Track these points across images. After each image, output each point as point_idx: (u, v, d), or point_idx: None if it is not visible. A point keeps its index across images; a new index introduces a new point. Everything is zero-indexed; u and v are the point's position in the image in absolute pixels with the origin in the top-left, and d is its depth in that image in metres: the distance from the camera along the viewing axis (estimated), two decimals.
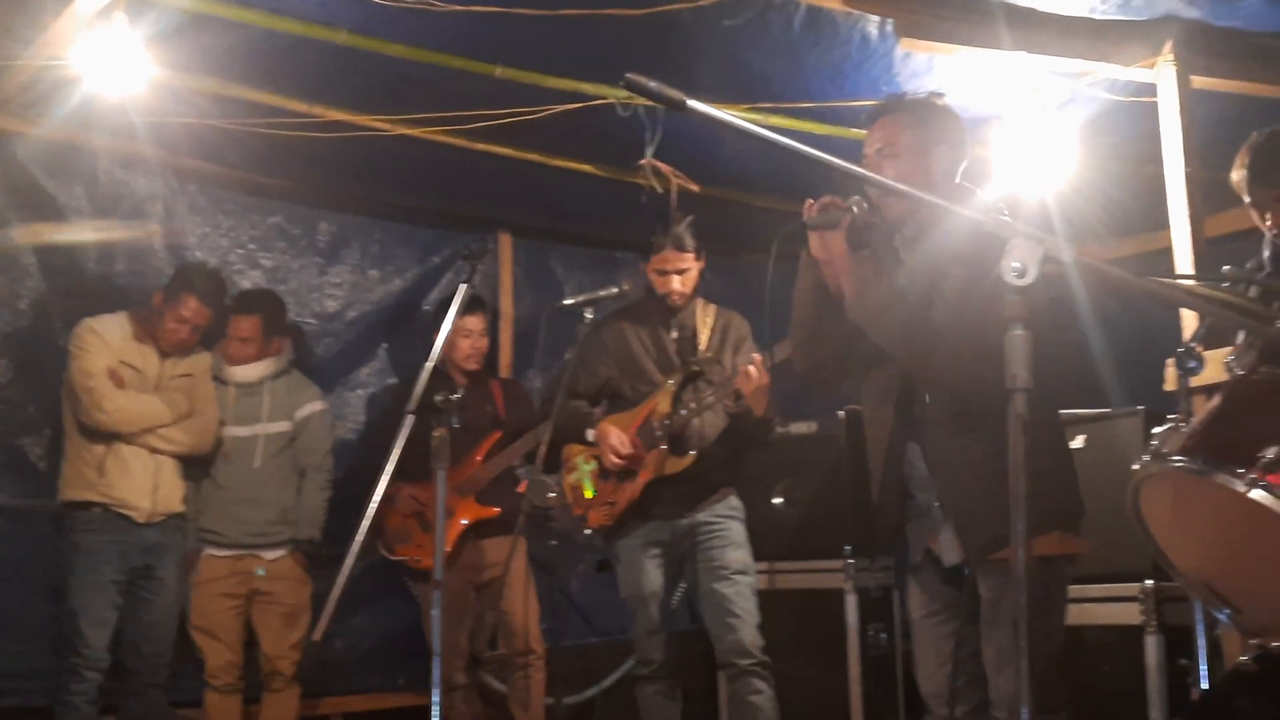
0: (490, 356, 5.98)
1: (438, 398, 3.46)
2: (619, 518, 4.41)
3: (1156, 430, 2.27)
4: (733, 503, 4.50)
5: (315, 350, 5.55)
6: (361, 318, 5.70)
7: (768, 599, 4.95)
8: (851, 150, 4.66)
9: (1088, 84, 4.22)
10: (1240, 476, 2.04)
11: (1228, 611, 2.30)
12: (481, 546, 5.08)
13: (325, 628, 3.55)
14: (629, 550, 4.44)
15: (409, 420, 3.38)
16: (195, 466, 4.89)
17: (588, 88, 4.41)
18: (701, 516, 4.40)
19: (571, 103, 4.42)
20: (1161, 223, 4.08)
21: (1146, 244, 4.85)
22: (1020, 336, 1.92)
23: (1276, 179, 3.41)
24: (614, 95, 4.45)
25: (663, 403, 4.37)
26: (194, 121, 4.53)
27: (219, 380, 4.99)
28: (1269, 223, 3.42)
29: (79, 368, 4.61)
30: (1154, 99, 4.08)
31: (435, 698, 3.49)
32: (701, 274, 4.55)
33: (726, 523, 4.44)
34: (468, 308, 5.12)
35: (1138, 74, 4.12)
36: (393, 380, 5.75)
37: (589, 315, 4.32)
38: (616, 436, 4.39)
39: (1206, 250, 4.04)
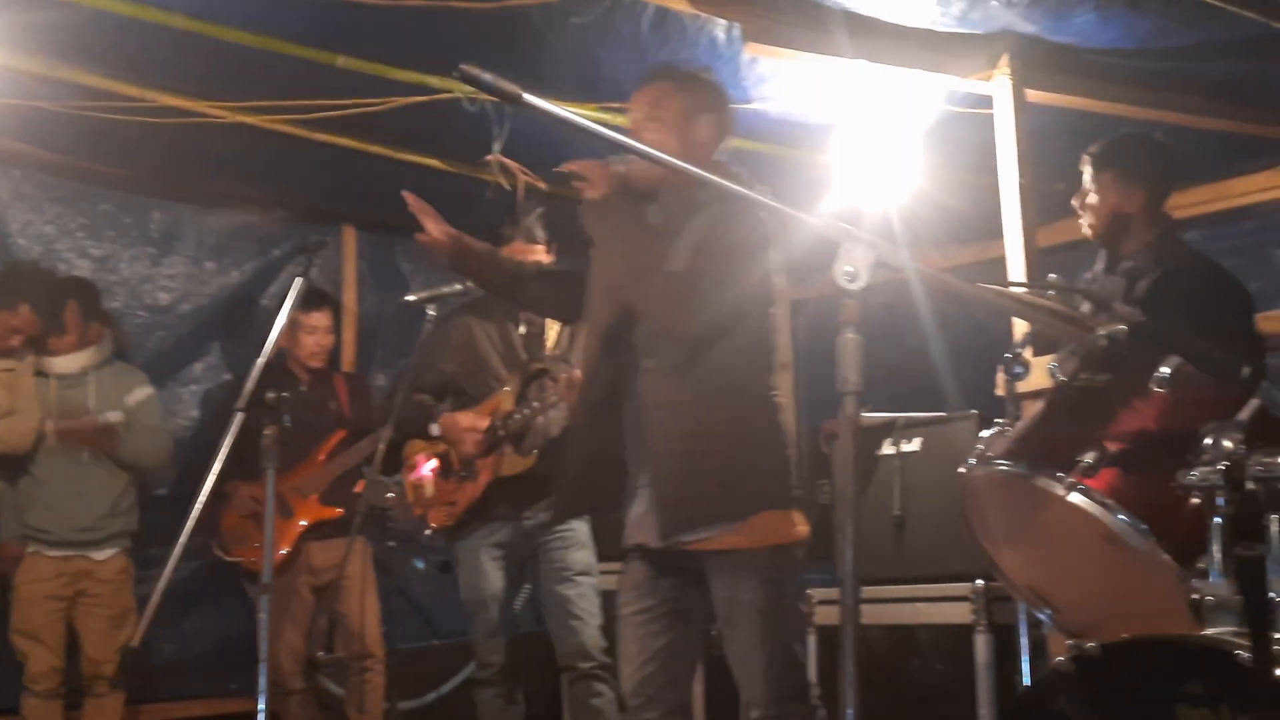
0: (334, 352, 5.90)
1: (269, 395, 3.36)
2: (460, 518, 4.34)
3: (984, 434, 2.31)
4: None
5: (146, 344, 5.36)
6: (196, 311, 5.52)
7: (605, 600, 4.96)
8: None
9: (928, 94, 4.31)
10: (1060, 480, 2.08)
11: (1049, 612, 2.36)
12: (322, 547, 4.96)
13: (146, 631, 3.39)
14: (470, 551, 4.36)
15: (238, 418, 3.26)
16: (9, 465, 4.70)
17: (434, 81, 4.33)
18: (545, 517, 4.32)
19: (417, 95, 4.33)
20: (998, 232, 4.19)
21: (983, 252, 4.97)
22: (851, 340, 1.93)
23: (1098, 163, 3.60)
24: (460, 89, 4.38)
25: (506, 401, 4.32)
26: (18, 103, 4.32)
27: (39, 374, 4.78)
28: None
29: None
30: (990, 111, 4.19)
31: (261, 704, 3.36)
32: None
33: (571, 523, 4.37)
34: (314, 304, 5.05)
35: (975, 86, 4.22)
36: (227, 376, 5.58)
37: (432, 311, 4.25)
38: (467, 418, 4.29)
39: (1038, 260, 4.17)
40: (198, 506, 3.30)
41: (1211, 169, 5.28)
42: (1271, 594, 1.91)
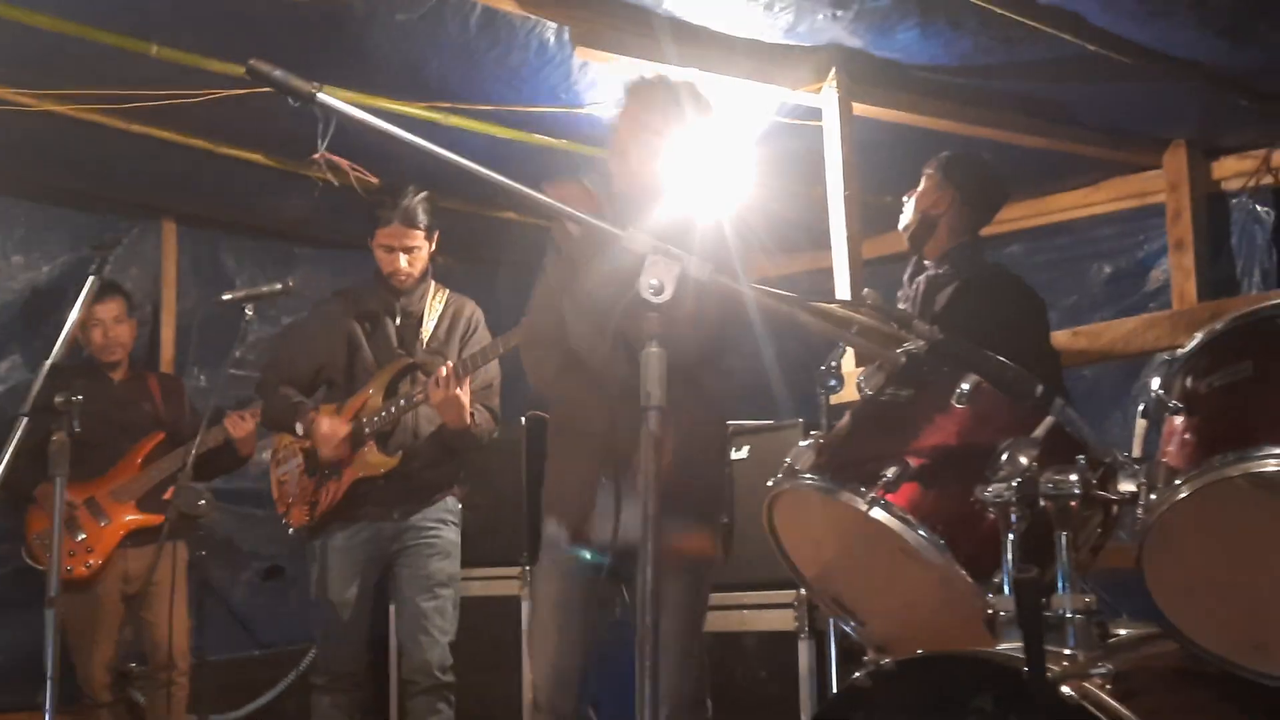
0: (152, 352, 5.68)
1: (58, 400, 3.18)
2: (321, 517, 4.11)
3: (795, 447, 2.31)
4: (448, 505, 4.23)
5: None
6: (2, 308, 5.26)
7: None
8: (534, 157, 4.72)
9: (758, 104, 4.33)
10: (862, 495, 2.09)
11: (853, 624, 2.37)
12: (139, 554, 4.74)
13: None
14: (329, 552, 4.11)
15: (23, 423, 3.08)
16: None
17: None
18: (413, 521, 4.14)
19: (237, 88, 4.17)
20: (827, 242, 4.24)
21: (814, 262, 5.01)
22: (655, 354, 1.90)
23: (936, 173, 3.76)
24: None
25: (375, 396, 4.12)
26: None
27: None
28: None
29: None
30: (820, 123, 4.23)
31: None
32: (433, 258, 4.26)
33: (439, 529, 4.17)
34: (100, 295, 4.79)
35: (805, 98, 4.25)
36: (33, 376, 5.31)
37: (249, 312, 4.10)
38: (329, 425, 4.07)
39: (864, 271, 4.23)
40: None
41: (1032, 185, 5.45)
42: (1061, 610, 1.95)
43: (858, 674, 1.94)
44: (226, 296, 4.19)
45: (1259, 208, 5.08)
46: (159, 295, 5.67)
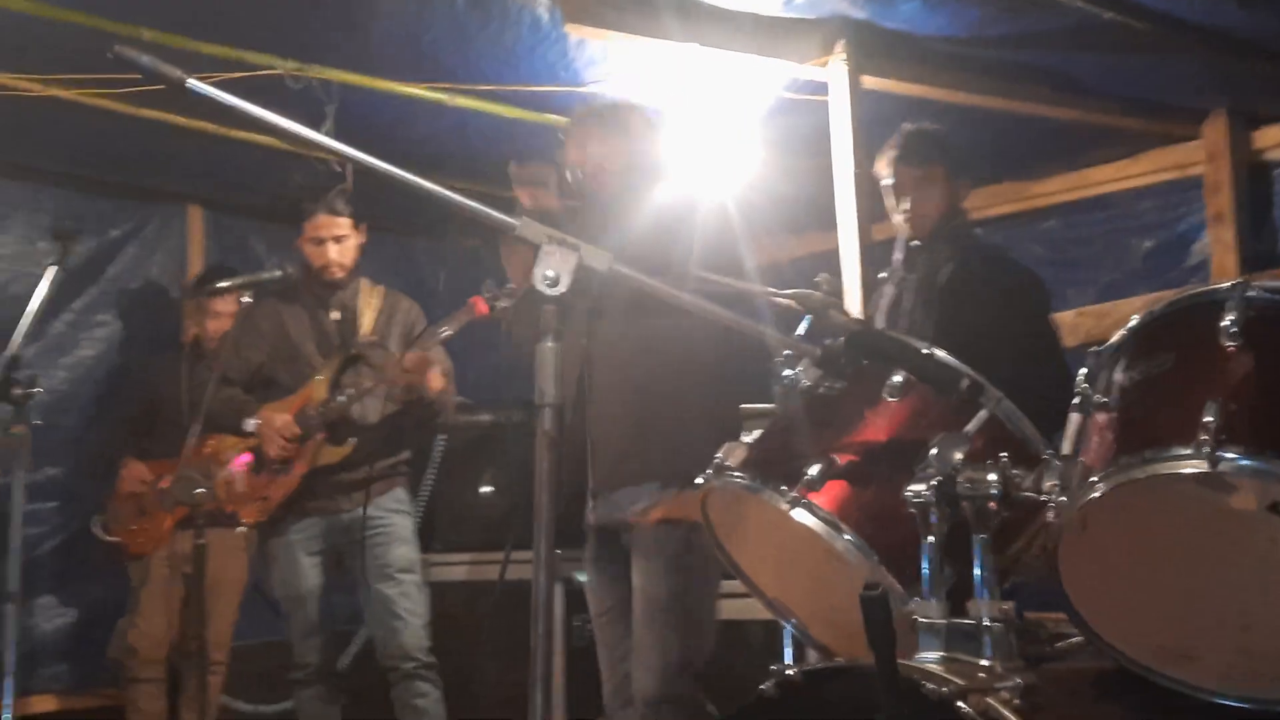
0: None
1: (16, 391, 3.17)
2: (274, 513, 4.15)
3: (729, 443, 2.21)
4: (399, 495, 4.29)
5: None
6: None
7: (469, 591, 4.83)
8: (536, 135, 4.63)
9: (763, 79, 4.20)
10: (783, 494, 1.98)
11: (795, 625, 2.27)
12: (187, 537, 4.76)
13: None
14: (286, 548, 4.17)
15: None
16: None
17: (251, 57, 4.15)
18: (368, 511, 4.15)
19: (233, 71, 4.14)
20: (835, 223, 4.11)
21: (820, 243, 4.85)
22: (550, 349, 1.81)
23: (921, 159, 3.55)
24: (283, 66, 4.21)
25: (319, 389, 4.12)
26: None
27: None
28: (904, 209, 3.53)
29: None
30: (826, 97, 4.09)
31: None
32: (361, 248, 4.29)
33: (391, 518, 4.22)
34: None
35: (811, 72, 4.12)
36: (68, 358, 5.38)
37: (246, 299, 4.08)
38: (281, 420, 4.09)
39: (874, 252, 4.08)
40: None
41: (1066, 158, 5.25)
42: (980, 618, 1.84)
43: (765, 684, 1.84)
44: (224, 284, 4.17)
45: None
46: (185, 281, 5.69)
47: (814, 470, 1.99)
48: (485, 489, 5.31)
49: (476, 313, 3.83)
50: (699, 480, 2.17)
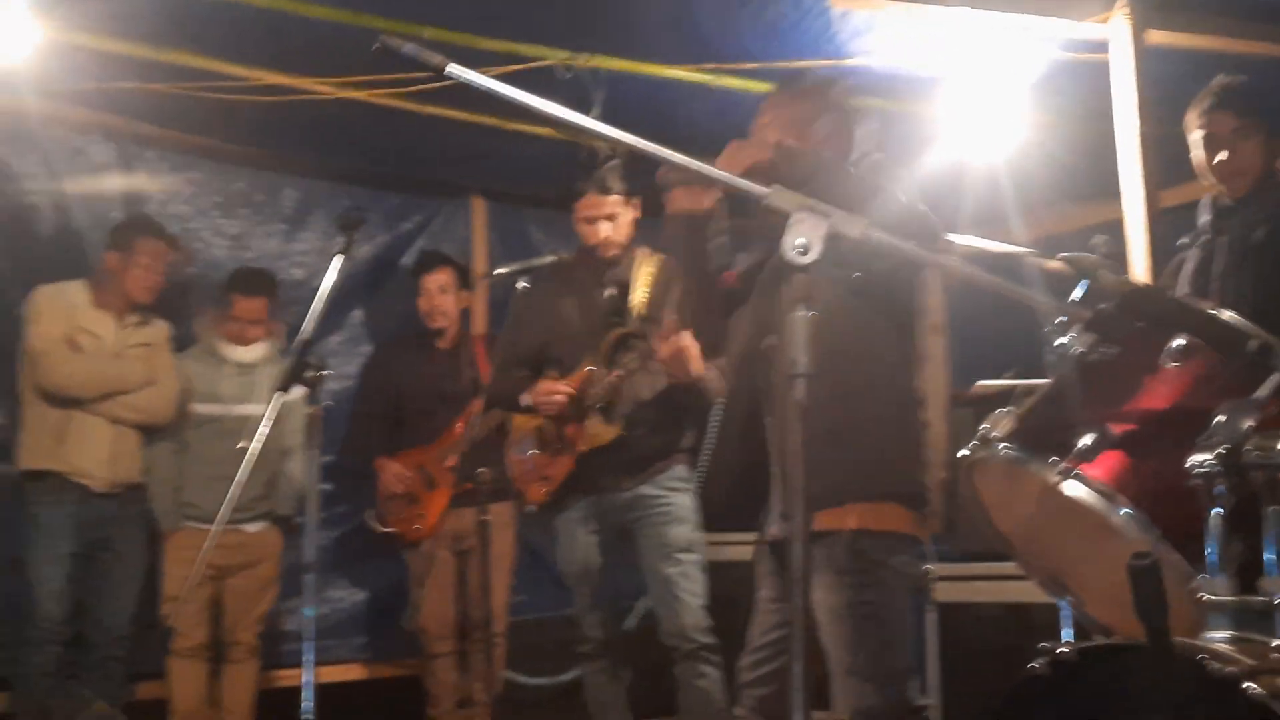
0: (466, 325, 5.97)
1: (308, 374, 3.34)
2: (556, 492, 4.22)
3: (995, 413, 2.12)
4: (679, 473, 4.23)
5: (283, 320, 5.45)
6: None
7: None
8: None
9: (1037, 40, 4.02)
10: (1053, 465, 1.89)
11: (1073, 604, 2.17)
12: (465, 514, 5.00)
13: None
14: (567, 525, 4.23)
15: (278, 398, 3.26)
16: (169, 439, 4.87)
17: (525, 49, 4.28)
18: (644, 490, 4.16)
19: (509, 64, 4.28)
20: (1117, 190, 3.89)
21: (1101, 213, 4.58)
22: (802, 318, 1.78)
23: (1241, 109, 3.37)
24: (554, 57, 4.33)
25: (594, 368, 4.15)
26: (135, 86, 4.48)
27: (215, 357, 4.99)
28: (1220, 159, 3.35)
29: (34, 333, 4.61)
30: (1107, 56, 3.88)
31: None
32: (636, 223, 4.26)
33: (670, 496, 4.18)
34: (429, 266, 5.12)
35: (1090, 30, 3.91)
36: (366, 347, 5.70)
37: (523, 284, 4.20)
38: (548, 384, 4.15)
39: (1161, 220, 3.85)
40: (239, 480, 3.26)
41: None
42: (1273, 596, 1.71)
43: (1036, 662, 1.77)
44: (501, 270, 4.29)
45: None
46: (471, 270, 5.92)
47: (1087, 440, 1.89)
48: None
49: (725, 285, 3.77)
50: (963, 452, 2.09)
